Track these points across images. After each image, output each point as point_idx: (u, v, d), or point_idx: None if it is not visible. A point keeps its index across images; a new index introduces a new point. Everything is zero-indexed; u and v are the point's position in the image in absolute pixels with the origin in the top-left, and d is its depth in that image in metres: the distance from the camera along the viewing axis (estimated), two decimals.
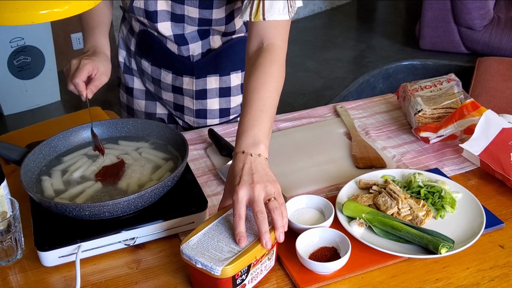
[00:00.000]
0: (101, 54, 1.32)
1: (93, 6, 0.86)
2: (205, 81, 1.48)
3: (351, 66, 4.01)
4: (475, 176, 1.31)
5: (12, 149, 1.22)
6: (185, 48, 1.43)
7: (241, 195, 0.97)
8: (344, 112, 1.57)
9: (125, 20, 1.53)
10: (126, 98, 1.60)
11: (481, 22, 3.48)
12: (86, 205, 1.05)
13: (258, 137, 1.03)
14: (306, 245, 1.06)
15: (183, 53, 1.44)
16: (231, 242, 0.98)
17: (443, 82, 1.51)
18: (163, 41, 1.43)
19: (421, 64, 3.63)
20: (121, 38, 1.57)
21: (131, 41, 1.52)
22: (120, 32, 1.57)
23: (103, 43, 1.36)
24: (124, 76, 1.59)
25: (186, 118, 1.56)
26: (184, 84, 1.49)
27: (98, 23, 1.37)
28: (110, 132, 1.33)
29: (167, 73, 1.48)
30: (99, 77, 1.28)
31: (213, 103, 1.52)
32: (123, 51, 1.57)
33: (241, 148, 1.03)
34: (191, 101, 1.50)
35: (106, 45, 1.36)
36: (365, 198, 1.18)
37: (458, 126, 1.33)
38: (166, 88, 1.51)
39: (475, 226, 1.11)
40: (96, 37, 1.36)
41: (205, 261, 0.94)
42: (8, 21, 0.79)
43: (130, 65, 1.56)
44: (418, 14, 3.88)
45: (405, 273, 1.04)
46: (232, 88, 1.52)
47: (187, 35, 1.40)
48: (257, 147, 1.03)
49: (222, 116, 1.55)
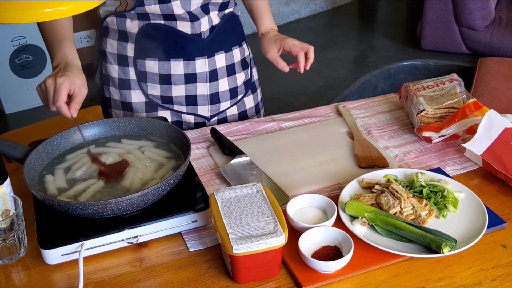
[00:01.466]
0: (73, 67, 1.29)
1: (97, 5, 0.86)
2: (215, 60, 1.53)
3: (352, 66, 4.01)
4: (478, 175, 1.31)
5: (15, 147, 1.23)
6: (198, 24, 1.46)
7: None
8: (346, 111, 1.57)
9: (109, 33, 1.49)
10: (124, 114, 1.55)
11: (483, 22, 3.48)
12: (89, 203, 1.05)
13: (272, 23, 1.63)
14: (309, 244, 1.06)
15: (196, 30, 1.46)
16: (252, 220, 1.03)
17: (446, 82, 1.51)
18: (173, 26, 1.44)
19: (422, 64, 3.63)
20: (109, 53, 1.51)
21: (126, 48, 1.48)
22: (108, 47, 1.50)
23: (72, 54, 1.32)
24: (120, 92, 1.53)
25: (200, 109, 1.56)
26: (197, 67, 1.50)
27: (64, 35, 1.34)
28: (113, 131, 1.33)
29: (177, 63, 1.48)
30: (79, 91, 1.25)
31: (223, 83, 1.57)
32: (115, 65, 1.51)
33: (269, 27, 1.61)
34: (205, 86, 1.53)
35: (76, 56, 1.33)
36: (367, 198, 1.18)
37: (460, 126, 1.34)
38: (177, 82, 1.50)
39: (477, 226, 1.11)
40: (65, 49, 1.32)
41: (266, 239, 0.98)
42: (13, 19, 0.80)
43: (127, 77, 1.51)
44: (419, 14, 3.88)
45: (407, 272, 1.04)
46: (236, 65, 1.59)
47: (195, 11, 1.44)
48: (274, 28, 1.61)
49: (232, 97, 1.61)
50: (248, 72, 1.65)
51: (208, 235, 1.14)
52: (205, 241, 1.13)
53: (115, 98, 1.55)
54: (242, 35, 1.62)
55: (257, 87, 1.71)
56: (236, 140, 1.45)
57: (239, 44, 1.60)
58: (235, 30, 1.58)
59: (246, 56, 1.64)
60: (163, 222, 1.11)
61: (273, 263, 1.02)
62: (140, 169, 1.21)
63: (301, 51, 1.48)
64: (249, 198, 1.08)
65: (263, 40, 1.58)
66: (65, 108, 1.22)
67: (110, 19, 1.47)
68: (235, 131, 1.51)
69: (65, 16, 0.81)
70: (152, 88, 1.52)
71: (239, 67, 1.60)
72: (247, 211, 1.05)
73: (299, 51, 1.48)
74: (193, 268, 1.06)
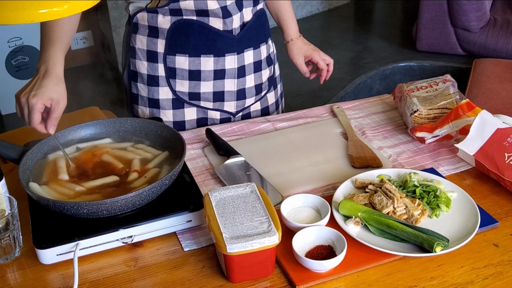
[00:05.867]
0: (51, 76, 1.26)
1: (91, 6, 0.87)
2: (243, 57, 1.56)
3: (348, 67, 4.01)
4: (470, 175, 1.32)
5: (11, 148, 1.23)
6: (230, 21, 1.48)
7: None
8: (341, 112, 1.58)
9: (139, 30, 1.50)
10: (150, 112, 1.56)
11: (478, 24, 3.49)
12: (84, 203, 1.06)
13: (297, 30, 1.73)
14: (303, 243, 1.07)
15: (228, 27, 1.48)
16: (246, 219, 1.04)
17: (439, 82, 1.52)
18: (205, 22, 1.46)
19: (417, 65, 3.64)
20: (139, 49, 1.52)
21: (156, 44, 1.49)
22: (137, 43, 1.51)
23: (56, 59, 1.29)
24: (148, 89, 1.54)
25: (227, 105, 1.59)
26: (226, 64, 1.52)
27: (56, 38, 1.32)
28: (109, 131, 1.34)
29: (208, 59, 1.50)
30: (55, 107, 1.24)
31: (250, 80, 1.60)
32: (144, 62, 1.52)
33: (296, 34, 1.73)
34: (233, 82, 1.56)
35: (60, 62, 1.30)
36: (361, 197, 1.19)
37: (453, 126, 1.35)
38: (206, 78, 1.52)
39: (469, 225, 1.12)
40: (50, 53, 1.30)
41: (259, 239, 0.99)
42: (7, 20, 0.80)
43: (156, 74, 1.52)
44: (415, 16, 3.89)
45: (400, 271, 1.05)
46: (262, 62, 1.62)
47: (229, 7, 1.47)
48: None
49: (257, 93, 1.64)
50: (272, 68, 1.68)
51: (203, 235, 1.15)
52: (199, 241, 1.13)
53: (143, 94, 1.56)
54: (268, 32, 1.65)
55: (278, 82, 1.75)
56: (231, 140, 1.46)
57: (266, 40, 1.63)
58: (263, 26, 1.62)
59: (271, 53, 1.67)
60: (157, 222, 1.11)
61: (267, 262, 1.02)
62: None
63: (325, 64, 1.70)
64: (243, 198, 1.09)
65: (292, 48, 1.70)
66: (41, 128, 1.23)
67: (141, 15, 1.48)
68: (230, 131, 1.52)
69: (60, 17, 0.81)
70: (181, 84, 1.53)
71: (265, 63, 1.63)
72: (241, 211, 1.06)
73: (323, 64, 1.70)
74: (188, 268, 1.07)
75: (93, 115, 2.24)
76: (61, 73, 1.29)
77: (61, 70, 1.30)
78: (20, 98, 1.24)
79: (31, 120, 1.22)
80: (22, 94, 1.24)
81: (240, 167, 1.33)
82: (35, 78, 1.27)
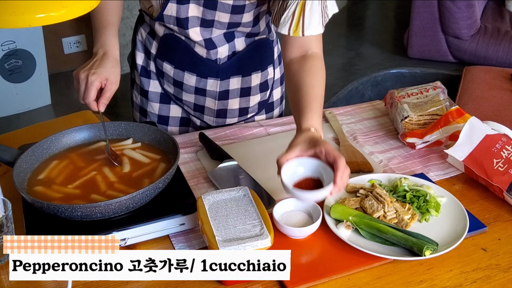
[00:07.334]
0: (110, 59, 1.32)
1: (89, 11, 0.88)
2: (228, 83, 1.53)
3: (340, 73, 4.04)
4: (460, 181, 1.34)
5: (5, 151, 1.24)
6: (214, 52, 1.47)
7: None
8: (333, 117, 1.60)
9: (144, 23, 1.55)
10: (140, 99, 1.62)
11: (468, 31, 3.53)
12: (78, 206, 1.06)
13: (319, 123, 1.23)
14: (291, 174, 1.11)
15: (211, 56, 1.47)
16: (239, 222, 1.05)
17: (429, 89, 1.54)
18: (191, 45, 1.46)
19: (409, 72, 3.67)
20: (139, 41, 1.57)
21: (151, 44, 1.53)
22: (139, 35, 1.57)
23: (112, 44, 1.36)
24: (140, 79, 1.59)
25: (206, 118, 1.60)
26: (208, 86, 1.52)
27: (108, 22, 1.38)
28: (103, 135, 1.34)
29: (190, 76, 1.51)
30: (109, 87, 1.29)
31: (234, 103, 1.57)
32: (142, 53, 1.57)
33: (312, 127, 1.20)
34: (213, 102, 1.55)
35: (116, 46, 1.37)
36: (352, 202, 1.21)
37: (443, 133, 1.37)
38: (188, 90, 1.54)
39: (458, 230, 1.14)
40: (106, 37, 1.36)
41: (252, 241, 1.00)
42: (5, 24, 0.81)
43: (148, 68, 1.57)
44: (406, 23, 3.93)
45: (390, 275, 1.07)
46: (252, 88, 1.57)
47: (215, 39, 1.44)
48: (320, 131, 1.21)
49: (241, 115, 1.60)
50: (266, 94, 1.61)
51: (196, 238, 1.16)
52: (192, 244, 1.14)
53: (137, 82, 1.62)
54: (270, 60, 1.58)
55: (276, 106, 1.66)
56: (224, 144, 1.47)
57: (262, 68, 1.56)
58: (262, 55, 1.55)
59: (269, 79, 1.59)
60: (151, 225, 1.12)
61: None
62: None
63: None
64: (236, 201, 1.10)
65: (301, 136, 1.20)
66: (94, 105, 1.28)
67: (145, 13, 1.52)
68: (223, 135, 1.53)
69: (57, 21, 0.83)
70: (167, 86, 1.57)
71: (256, 89, 1.58)
72: (234, 214, 1.07)
73: None
74: None
75: (86, 119, 2.25)
76: (118, 57, 1.36)
77: (118, 53, 1.36)
78: (79, 74, 1.28)
79: (87, 96, 1.27)
80: (81, 71, 1.29)
81: (233, 171, 1.34)
82: (94, 59, 1.32)
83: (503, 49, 3.47)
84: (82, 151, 1.31)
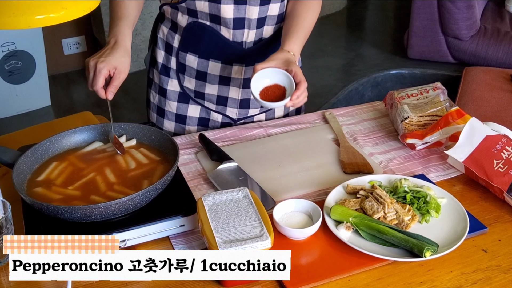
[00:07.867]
0: (120, 48, 1.35)
1: (88, 12, 0.88)
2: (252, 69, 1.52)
3: (340, 74, 4.04)
4: (460, 182, 1.34)
5: (5, 152, 1.24)
6: (240, 33, 1.49)
7: None
8: (333, 118, 1.60)
9: (165, 19, 1.57)
10: (158, 99, 1.63)
11: (468, 32, 3.53)
12: (78, 207, 1.06)
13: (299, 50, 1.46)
14: (262, 80, 1.30)
15: (237, 38, 1.49)
16: (239, 224, 1.05)
17: (429, 90, 1.54)
18: (216, 29, 1.48)
19: (409, 73, 3.67)
20: (160, 39, 1.59)
21: (173, 38, 1.55)
22: (160, 32, 1.59)
23: (125, 34, 1.39)
24: (160, 77, 1.61)
25: (229, 110, 1.61)
26: (232, 73, 1.54)
27: (124, 14, 1.41)
28: (103, 136, 1.35)
29: (215, 64, 1.53)
30: (118, 76, 1.32)
31: None
32: (162, 51, 1.59)
33: (292, 51, 1.42)
34: (237, 91, 1.58)
35: (128, 37, 1.39)
36: (352, 203, 1.21)
37: (443, 133, 1.36)
38: (212, 81, 1.56)
39: (459, 231, 1.14)
40: (120, 28, 1.39)
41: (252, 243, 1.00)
42: (5, 26, 0.81)
43: (168, 65, 1.58)
44: (406, 24, 3.93)
45: (390, 276, 1.07)
46: None
47: (246, 21, 1.47)
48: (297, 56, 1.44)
49: None
50: None
51: (196, 239, 1.16)
52: (192, 245, 1.14)
53: (156, 81, 1.63)
54: None
55: None
56: (224, 146, 1.47)
57: None
58: None
59: None
60: (151, 226, 1.12)
61: None
62: None
63: None
64: (236, 203, 1.10)
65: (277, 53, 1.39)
66: (101, 92, 1.30)
67: (166, 8, 1.54)
68: (223, 137, 1.53)
69: (57, 23, 0.83)
70: (188, 81, 1.58)
71: None
72: (234, 215, 1.07)
73: None
74: None
75: (86, 120, 2.25)
76: (129, 47, 1.38)
77: (129, 44, 1.39)
78: (89, 62, 1.31)
79: (95, 83, 1.29)
80: (92, 59, 1.32)
81: (233, 172, 1.34)
82: (105, 48, 1.36)
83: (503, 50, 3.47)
84: (82, 153, 1.31)
